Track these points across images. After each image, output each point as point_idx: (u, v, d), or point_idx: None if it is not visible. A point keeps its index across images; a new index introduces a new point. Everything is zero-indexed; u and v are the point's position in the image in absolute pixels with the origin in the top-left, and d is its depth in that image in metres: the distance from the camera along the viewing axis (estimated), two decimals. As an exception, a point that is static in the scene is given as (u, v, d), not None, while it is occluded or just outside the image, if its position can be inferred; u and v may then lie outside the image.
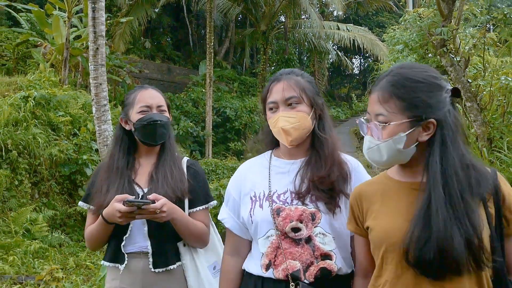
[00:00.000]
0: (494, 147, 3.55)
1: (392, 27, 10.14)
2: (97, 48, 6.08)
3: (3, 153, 5.72)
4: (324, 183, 1.55)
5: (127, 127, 1.94)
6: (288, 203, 1.56)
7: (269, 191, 1.61)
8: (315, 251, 1.53)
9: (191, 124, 13.23)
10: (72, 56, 9.99)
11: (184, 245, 1.89)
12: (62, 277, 4.07)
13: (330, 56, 21.23)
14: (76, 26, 10.99)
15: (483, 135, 3.48)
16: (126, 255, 1.84)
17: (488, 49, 4.33)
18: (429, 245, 1.18)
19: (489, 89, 3.66)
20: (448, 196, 1.21)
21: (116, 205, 1.70)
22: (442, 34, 3.71)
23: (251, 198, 1.64)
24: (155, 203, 1.70)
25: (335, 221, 1.54)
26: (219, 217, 1.76)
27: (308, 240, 1.53)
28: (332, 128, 1.69)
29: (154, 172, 1.90)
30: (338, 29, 17.60)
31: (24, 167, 5.92)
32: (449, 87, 1.32)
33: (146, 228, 1.84)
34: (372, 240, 1.36)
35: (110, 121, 6.15)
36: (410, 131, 1.27)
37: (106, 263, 1.90)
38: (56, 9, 10.26)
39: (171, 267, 1.85)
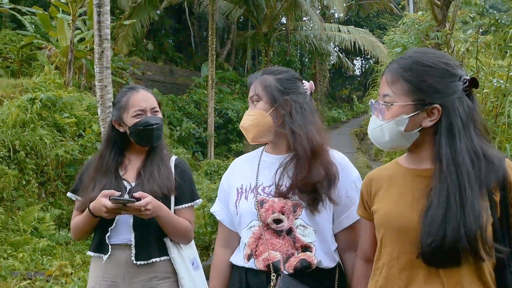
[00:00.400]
0: (487, 147, 3.67)
1: (392, 29, 10.27)
2: (102, 51, 6.23)
3: (11, 154, 5.87)
4: (307, 185, 1.55)
5: (121, 129, 1.98)
6: (271, 195, 1.60)
7: (256, 184, 1.65)
8: (296, 243, 1.56)
9: (193, 125, 13.37)
10: (76, 59, 10.15)
11: (171, 240, 1.95)
12: (71, 272, 4.22)
13: (331, 57, 21.36)
14: (79, 29, 11.13)
15: (476, 135, 3.61)
16: (110, 246, 1.89)
17: (483, 52, 4.46)
18: (432, 234, 1.19)
19: (483, 91, 3.81)
20: (456, 186, 1.20)
21: (103, 201, 1.76)
22: (436, 38, 3.85)
23: (237, 190, 1.70)
24: (140, 200, 1.75)
25: (318, 215, 1.57)
26: (211, 210, 1.83)
27: (289, 231, 1.56)
28: (311, 124, 1.63)
29: (142, 169, 1.97)
30: (339, 31, 17.72)
31: (31, 167, 6.06)
32: (466, 76, 1.29)
33: (131, 221, 1.89)
34: (375, 223, 1.39)
35: (115, 122, 6.32)
36: (413, 114, 1.27)
37: (91, 253, 1.96)
38: (59, 11, 10.42)
39: (153, 260, 1.89)
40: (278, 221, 1.57)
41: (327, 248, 1.60)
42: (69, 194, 2.07)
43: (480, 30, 4.15)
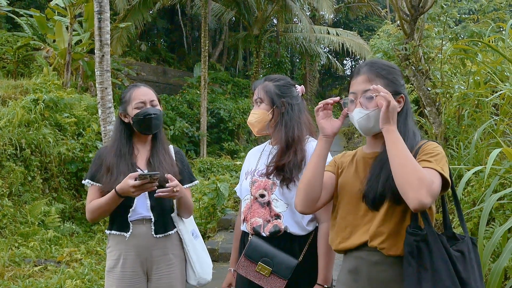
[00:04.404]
0: (449, 145, 4.17)
1: (377, 33, 10.77)
2: (103, 56, 6.63)
3: (18, 152, 6.25)
4: (278, 167, 2.03)
5: (125, 120, 2.30)
6: (261, 176, 2.10)
7: (255, 168, 2.17)
8: (271, 212, 2.04)
9: (186, 124, 13.71)
10: (73, 60, 10.48)
11: (177, 215, 2.34)
12: (80, 258, 4.63)
13: (321, 59, 21.83)
14: (75, 30, 11.42)
15: (440, 134, 4.12)
16: (131, 224, 2.21)
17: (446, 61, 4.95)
18: (369, 187, 1.63)
19: (445, 95, 4.28)
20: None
21: (130, 182, 2.04)
22: (405, 50, 4.34)
23: (245, 173, 2.23)
24: (163, 174, 2.12)
25: (288, 192, 2.01)
26: (235, 188, 2.34)
27: (268, 203, 2.05)
28: (296, 121, 2.09)
29: (151, 158, 2.30)
30: (328, 33, 18.21)
31: (36, 164, 6.45)
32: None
33: (148, 202, 2.24)
34: (338, 191, 1.78)
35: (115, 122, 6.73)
36: None
37: (114, 232, 2.25)
38: (55, 13, 10.72)
39: (169, 232, 2.29)
40: (262, 195, 2.07)
41: (297, 218, 2.01)
42: (85, 182, 2.30)
43: (444, 43, 4.65)
